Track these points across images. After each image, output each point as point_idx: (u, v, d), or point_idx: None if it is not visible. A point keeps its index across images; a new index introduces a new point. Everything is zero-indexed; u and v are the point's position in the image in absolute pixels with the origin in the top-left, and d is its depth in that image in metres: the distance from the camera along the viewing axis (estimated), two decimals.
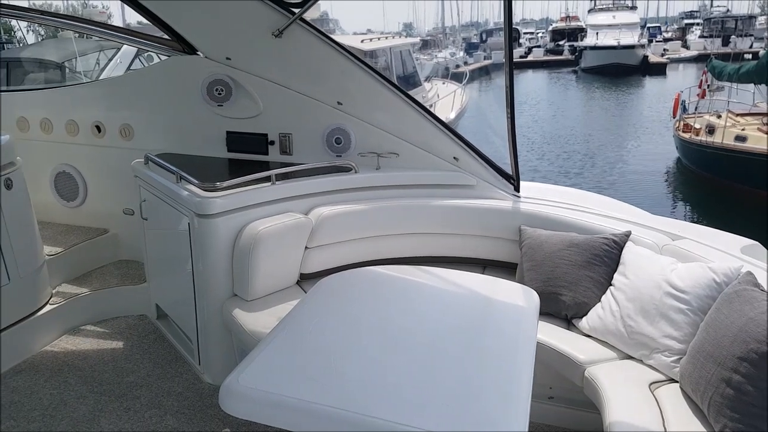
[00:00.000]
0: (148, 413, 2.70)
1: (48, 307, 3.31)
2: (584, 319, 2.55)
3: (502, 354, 1.73)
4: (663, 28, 61.55)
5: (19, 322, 3.12)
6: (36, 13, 3.96)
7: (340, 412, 1.41)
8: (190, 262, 2.86)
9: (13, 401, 2.77)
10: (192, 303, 2.91)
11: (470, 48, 45.87)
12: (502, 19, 2.93)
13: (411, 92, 4.18)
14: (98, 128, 3.82)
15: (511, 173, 3.21)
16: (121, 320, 3.57)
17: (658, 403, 2.01)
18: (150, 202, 3.23)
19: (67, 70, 10.17)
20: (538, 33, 63.88)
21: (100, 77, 9.94)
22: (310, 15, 3.16)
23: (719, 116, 12.70)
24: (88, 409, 2.72)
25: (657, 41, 49.30)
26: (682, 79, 31.08)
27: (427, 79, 18.09)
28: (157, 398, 2.81)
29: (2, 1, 3.70)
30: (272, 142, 3.46)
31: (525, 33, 60.83)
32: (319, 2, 3.09)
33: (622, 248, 2.61)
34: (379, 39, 14.02)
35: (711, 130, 12.01)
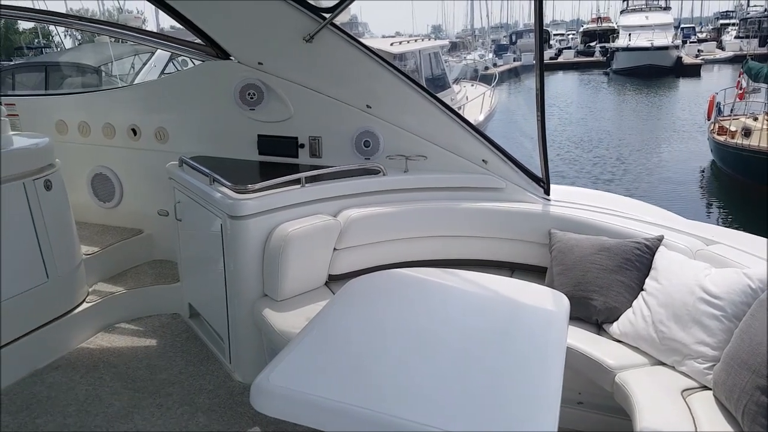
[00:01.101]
0: (180, 410, 2.75)
1: (84, 305, 3.41)
2: (615, 324, 2.52)
3: (531, 358, 1.73)
4: (697, 29, 60.31)
5: (57, 320, 3.21)
6: (73, 18, 4.08)
7: (369, 412, 1.43)
8: (222, 263, 2.91)
9: (49, 396, 2.86)
10: (223, 302, 2.96)
11: (499, 50, 45.57)
12: (533, 21, 2.92)
13: (439, 95, 4.17)
14: (134, 131, 3.92)
15: (540, 176, 3.19)
16: (155, 318, 3.66)
17: (690, 410, 1.98)
18: (184, 204, 3.30)
19: (103, 74, 10.44)
20: (568, 34, 63.16)
21: (135, 81, 10.18)
22: (340, 19, 3.20)
23: (756, 119, 12.39)
24: (123, 404, 2.79)
25: (691, 42, 48.34)
26: (717, 81, 30.37)
27: (456, 81, 18.02)
28: (188, 395, 2.87)
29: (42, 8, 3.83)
30: (302, 145, 3.50)
31: (555, 34, 60.23)
32: (349, 6, 3.12)
33: (654, 253, 2.57)
34: (408, 42, 14.03)
35: (747, 132, 11.72)
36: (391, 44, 13.03)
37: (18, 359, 2.98)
